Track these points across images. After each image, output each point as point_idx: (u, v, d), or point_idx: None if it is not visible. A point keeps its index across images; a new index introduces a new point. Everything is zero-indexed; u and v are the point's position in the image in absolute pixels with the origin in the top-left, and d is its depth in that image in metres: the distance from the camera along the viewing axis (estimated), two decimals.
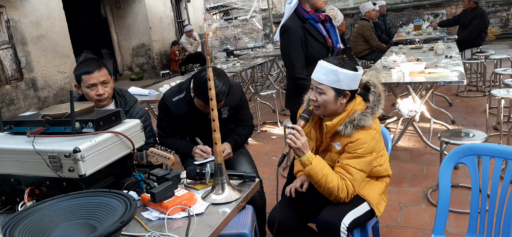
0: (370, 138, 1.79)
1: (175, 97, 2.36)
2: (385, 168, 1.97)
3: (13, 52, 7.32)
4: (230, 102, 2.38)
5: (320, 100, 1.80)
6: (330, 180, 1.77)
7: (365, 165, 1.81)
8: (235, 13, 14.49)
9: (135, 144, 1.62)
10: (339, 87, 1.77)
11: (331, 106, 1.80)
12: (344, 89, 1.78)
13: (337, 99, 1.79)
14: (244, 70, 5.88)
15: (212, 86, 1.51)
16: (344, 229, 1.78)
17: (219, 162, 1.54)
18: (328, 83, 1.77)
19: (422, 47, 5.35)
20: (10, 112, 7.20)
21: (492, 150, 1.71)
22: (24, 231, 1.14)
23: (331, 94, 1.78)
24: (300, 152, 1.77)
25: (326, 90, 1.78)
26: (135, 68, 11.34)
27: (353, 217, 1.83)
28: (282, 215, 1.92)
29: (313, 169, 1.77)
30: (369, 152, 1.80)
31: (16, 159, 1.50)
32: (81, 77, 2.16)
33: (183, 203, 1.45)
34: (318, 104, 1.82)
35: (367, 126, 1.78)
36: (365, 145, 1.78)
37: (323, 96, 1.79)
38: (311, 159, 1.77)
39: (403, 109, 3.43)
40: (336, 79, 1.75)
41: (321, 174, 1.77)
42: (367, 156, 1.80)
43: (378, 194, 1.94)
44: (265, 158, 4.29)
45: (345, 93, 1.79)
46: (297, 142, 1.76)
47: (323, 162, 1.80)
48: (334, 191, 1.78)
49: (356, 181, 1.80)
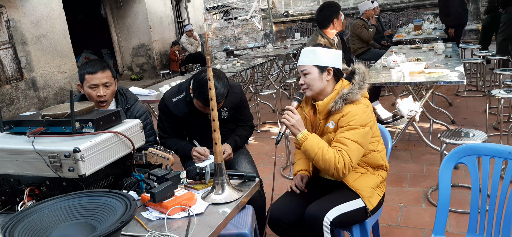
0: (361, 110, 1.87)
1: (175, 98, 2.36)
2: (382, 157, 2.01)
3: (13, 52, 7.31)
4: (230, 103, 2.37)
5: (306, 81, 1.94)
6: (326, 152, 1.81)
7: (360, 136, 1.85)
8: (235, 13, 14.49)
9: (135, 144, 1.62)
10: (320, 63, 1.92)
11: (318, 83, 1.93)
12: (325, 65, 1.92)
13: (322, 76, 1.93)
14: (244, 70, 5.88)
15: (212, 86, 1.51)
16: (328, 224, 1.79)
17: (219, 162, 1.54)
18: (309, 62, 1.94)
19: (422, 47, 5.35)
20: (10, 112, 7.20)
21: (492, 150, 1.71)
22: (24, 231, 1.14)
23: (315, 71, 1.93)
24: (295, 129, 1.86)
25: (309, 69, 1.93)
26: (135, 68, 11.34)
27: (339, 212, 1.83)
28: (281, 210, 1.95)
29: (309, 143, 1.83)
30: (362, 124, 1.85)
31: (16, 159, 1.50)
32: (84, 77, 2.17)
33: (183, 203, 1.45)
34: (306, 86, 1.96)
35: (356, 99, 1.89)
36: (356, 116, 1.85)
37: (309, 76, 1.94)
38: (307, 136, 1.85)
39: (403, 109, 3.43)
40: (316, 57, 1.93)
41: (317, 147, 1.82)
42: (360, 127, 1.85)
43: (370, 187, 1.95)
44: (265, 158, 4.29)
45: (327, 69, 1.93)
46: (291, 120, 1.86)
47: (318, 138, 1.88)
48: (332, 163, 1.81)
49: (351, 151, 1.82)
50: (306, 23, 13.33)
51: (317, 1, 13.58)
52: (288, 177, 3.68)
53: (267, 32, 13.83)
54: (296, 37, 9.82)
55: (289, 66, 8.73)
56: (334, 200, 1.88)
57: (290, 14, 14.10)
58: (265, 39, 13.76)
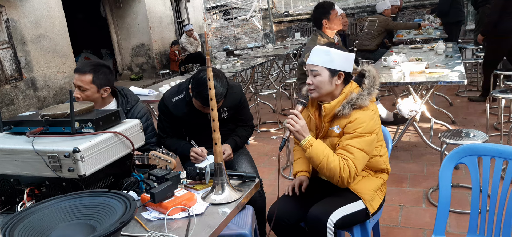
0: (368, 117, 1.81)
1: (175, 98, 2.36)
2: (384, 161, 1.97)
3: (12, 52, 7.31)
4: (229, 103, 2.37)
5: (315, 82, 1.84)
6: (332, 161, 1.77)
7: (366, 144, 1.81)
8: (235, 13, 14.51)
9: (134, 144, 1.62)
10: (332, 67, 1.82)
11: (327, 86, 1.85)
12: (338, 69, 1.83)
13: (332, 79, 1.84)
14: (244, 70, 5.87)
15: (212, 86, 1.50)
16: (331, 225, 1.77)
17: (219, 162, 1.54)
18: (322, 63, 1.83)
19: (423, 47, 5.35)
20: (9, 112, 7.19)
21: (492, 150, 1.71)
22: (23, 231, 1.14)
23: (326, 74, 1.83)
24: (299, 135, 1.81)
25: (320, 71, 1.83)
26: (135, 68, 11.33)
27: (342, 214, 1.82)
28: (282, 210, 1.93)
29: (313, 150, 1.78)
30: (369, 132, 1.81)
31: (16, 159, 1.50)
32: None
33: (183, 203, 1.45)
34: (313, 87, 1.86)
35: (364, 106, 1.82)
36: (364, 123, 1.80)
37: (318, 77, 1.84)
38: (311, 142, 1.79)
39: (403, 109, 3.43)
40: (329, 59, 1.82)
41: (322, 155, 1.77)
42: (366, 135, 1.80)
43: (371, 190, 1.93)
44: (265, 158, 4.29)
45: (339, 73, 1.84)
46: (296, 125, 1.80)
47: (324, 144, 1.82)
48: (336, 172, 1.77)
49: (357, 159, 1.79)
50: (306, 23, 13.33)
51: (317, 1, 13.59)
52: (288, 177, 3.68)
53: (267, 32, 13.85)
54: (296, 37, 9.83)
55: (289, 66, 8.73)
56: (337, 202, 1.85)
57: (290, 14, 14.11)
58: (265, 39, 13.78)
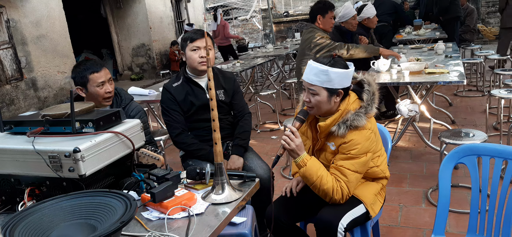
0: (364, 138, 1.76)
1: (175, 84, 2.51)
2: (382, 170, 1.95)
3: (13, 52, 7.32)
4: (224, 84, 2.51)
5: (313, 101, 1.78)
6: (325, 182, 1.76)
7: (360, 166, 1.79)
8: (235, 13, 14.51)
9: (135, 144, 1.62)
10: (331, 86, 1.74)
11: (325, 106, 1.79)
12: (336, 88, 1.75)
13: (331, 99, 1.77)
14: (244, 70, 5.88)
15: (212, 86, 1.51)
16: (342, 230, 1.78)
17: (219, 162, 1.54)
18: (319, 83, 1.74)
19: (422, 47, 5.35)
20: (10, 112, 7.20)
21: (492, 150, 1.71)
22: (24, 231, 1.14)
23: (324, 94, 1.76)
24: (294, 153, 1.77)
25: (318, 90, 1.75)
26: (135, 68, 11.34)
27: (351, 218, 1.82)
28: (277, 212, 1.94)
29: (307, 170, 1.76)
30: (364, 153, 1.78)
31: (16, 159, 1.50)
32: (89, 77, 2.20)
33: (183, 203, 1.45)
34: (311, 105, 1.80)
35: (360, 126, 1.75)
36: (358, 145, 1.75)
37: (316, 97, 1.77)
38: (305, 161, 1.76)
39: (403, 109, 3.43)
40: (327, 79, 1.73)
41: (315, 175, 1.76)
42: (361, 157, 1.77)
43: (372, 195, 1.92)
44: (265, 158, 4.27)
45: (338, 91, 1.77)
46: (291, 143, 1.75)
47: (318, 163, 1.79)
48: (329, 193, 1.78)
49: (350, 182, 1.78)
50: (306, 23, 13.31)
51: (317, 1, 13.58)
52: (288, 177, 3.68)
53: (267, 32, 13.85)
54: (296, 37, 9.82)
55: (289, 66, 8.73)
56: (344, 206, 1.84)
57: (290, 14, 14.11)
58: (265, 39, 13.78)
